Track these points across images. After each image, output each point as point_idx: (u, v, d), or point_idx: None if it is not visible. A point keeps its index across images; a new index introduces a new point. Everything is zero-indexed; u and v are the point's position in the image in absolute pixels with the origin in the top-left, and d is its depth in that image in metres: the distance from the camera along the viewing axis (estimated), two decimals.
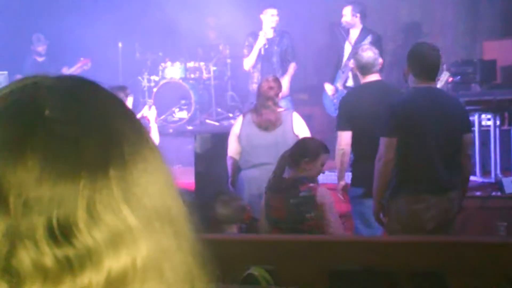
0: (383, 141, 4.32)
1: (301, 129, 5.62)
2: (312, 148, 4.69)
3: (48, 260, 0.70)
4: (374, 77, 5.20)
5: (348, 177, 5.33)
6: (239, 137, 5.62)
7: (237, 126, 5.71)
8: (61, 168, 0.72)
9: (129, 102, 6.46)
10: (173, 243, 0.77)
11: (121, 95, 6.36)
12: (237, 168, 5.71)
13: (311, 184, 4.55)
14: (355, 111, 5.09)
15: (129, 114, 0.82)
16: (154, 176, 0.78)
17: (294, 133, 5.53)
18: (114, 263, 0.72)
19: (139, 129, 0.81)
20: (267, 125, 5.53)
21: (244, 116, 5.73)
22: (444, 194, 4.26)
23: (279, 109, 5.68)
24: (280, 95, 5.83)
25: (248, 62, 8.09)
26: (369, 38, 7.44)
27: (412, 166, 4.28)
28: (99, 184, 0.73)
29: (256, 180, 5.44)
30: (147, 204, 0.76)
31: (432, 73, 4.47)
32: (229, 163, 5.78)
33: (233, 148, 5.71)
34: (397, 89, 5.35)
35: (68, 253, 0.70)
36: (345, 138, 5.11)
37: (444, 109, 4.36)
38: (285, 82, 8.07)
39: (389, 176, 4.27)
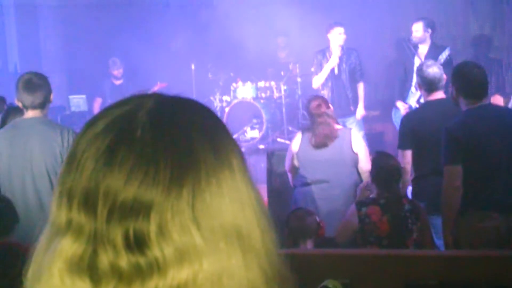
0: (447, 170, 4.28)
1: (360, 147, 5.58)
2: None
3: (123, 264, 0.81)
4: (438, 94, 5.15)
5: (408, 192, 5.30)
6: (297, 154, 5.65)
7: (295, 143, 5.73)
8: (142, 181, 0.82)
9: None
10: (237, 261, 0.85)
11: None
12: (293, 185, 5.74)
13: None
14: (416, 130, 5.06)
15: (216, 137, 0.89)
16: (228, 198, 0.86)
17: (352, 151, 5.52)
18: (177, 274, 0.81)
19: (221, 152, 0.88)
20: (322, 141, 5.49)
21: (302, 133, 5.75)
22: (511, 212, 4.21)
23: (336, 126, 5.67)
24: (332, 110, 5.79)
25: (318, 81, 8.16)
26: (446, 52, 7.35)
27: (477, 186, 4.23)
28: (172, 201, 0.82)
29: (312, 196, 5.48)
30: (215, 224, 0.84)
31: (479, 91, 4.37)
32: (290, 177, 5.84)
33: (290, 165, 5.76)
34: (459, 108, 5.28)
35: (140, 261, 0.81)
36: (406, 157, 5.09)
37: (503, 126, 4.28)
38: (360, 107, 8.11)
39: (458, 204, 4.23)
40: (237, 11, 9.35)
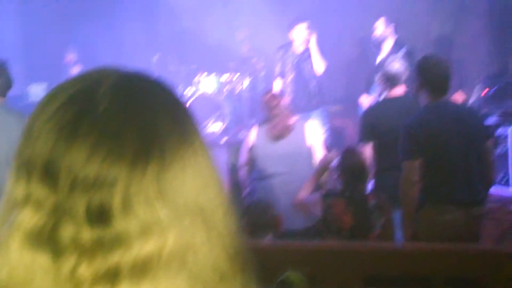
0: (405, 165, 4.31)
1: (314, 140, 5.60)
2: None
3: (85, 236, 0.80)
4: (400, 89, 5.21)
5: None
6: (254, 147, 5.65)
7: (251, 136, 5.74)
8: (105, 156, 0.80)
9: None
10: (202, 238, 0.84)
11: None
12: (250, 178, 5.73)
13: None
14: (376, 125, 5.12)
15: (179, 115, 0.88)
16: (191, 175, 0.85)
17: (308, 142, 5.54)
18: (141, 249, 0.80)
19: (185, 131, 0.87)
20: (279, 134, 5.52)
21: (258, 127, 5.75)
22: (468, 206, 4.26)
23: (292, 118, 5.68)
24: (285, 103, 5.79)
25: (277, 85, 8.16)
26: (402, 51, 7.43)
27: (435, 181, 4.28)
28: (137, 176, 0.80)
29: (271, 190, 5.48)
30: (179, 201, 0.83)
31: (442, 86, 4.39)
32: (241, 173, 5.82)
33: (245, 158, 5.76)
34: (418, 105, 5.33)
35: (102, 234, 0.80)
36: (366, 150, 5.14)
37: (461, 122, 4.33)
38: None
39: (416, 198, 4.27)
40: (202, 3, 9.30)
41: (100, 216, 0.79)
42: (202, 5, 9.33)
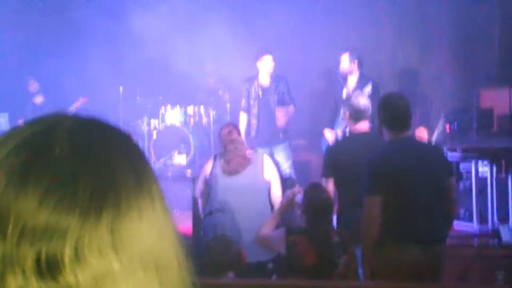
0: (367, 200, 4.31)
1: (272, 173, 5.59)
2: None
3: None
4: (364, 124, 5.24)
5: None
6: (209, 180, 5.61)
7: (207, 169, 5.70)
8: (57, 203, 0.76)
9: None
10: None
11: None
12: (206, 211, 5.68)
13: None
14: (339, 160, 5.14)
15: (136, 161, 0.85)
16: (147, 225, 0.81)
17: (265, 176, 5.53)
18: None
19: (142, 177, 0.84)
20: (234, 168, 5.50)
21: (214, 159, 5.71)
22: (430, 244, 4.26)
23: (248, 151, 5.67)
24: (243, 136, 5.80)
25: (243, 118, 8.16)
26: (369, 86, 7.46)
27: (396, 218, 4.28)
28: (90, 225, 0.76)
29: (224, 223, 5.44)
30: (134, 251, 0.79)
31: (403, 123, 4.42)
32: (200, 203, 5.78)
33: (200, 191, 5.71)
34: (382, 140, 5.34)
35: (52, 287, 0.74)
36: (328, 185, 5.15)
37: (422, 158, 4.35)
38: (281, 114, 8.10)
39: (376, 234, 4.26)
40: (168, 35, 9.29)
41: (50, 267, 0.75)
42: (168, 36, 9.32)
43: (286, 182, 7.26)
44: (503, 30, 9.44)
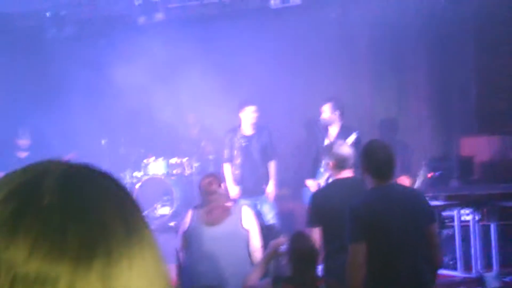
0: (351, 248, 4.31)
1: (251, 224, 5.59)
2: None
3: None
4: (348, 173, 5.26)
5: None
6: (188, 232, 5.59)
7: (186, 221, 5.69)
8: (47, 252, 0.76)
9: None
10: None
11: None
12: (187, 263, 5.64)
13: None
14: (324, 208, 5.13)
15: (127, 209, 0.85)
16: (137, 273, 0.81)
17: (244, 227, 5.52)
18: None
19: (133, 226, 0.84)
20: (213, 220, 5.50)
21: (193, 211, 5.70)
22: None
23: (228, 203, 5.68)
24: (223, 186, 5.81)
25: (226, 169, 8.19)
26: (354, 136, 7.49)
27: (380, 265, 4.28)
28: (80, 274, 0.76)
29: (205, 275, 5.41)
30: None
31: (386, 171, 4.44)
32: (181, 256, 5.74)
33: (181, 243, 5.68)
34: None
35: None
36: (314, 235, 5.13)
37: (405, 205, 4.37)
38: (271, 186, 8.16)
39: (361, 282, 4.25)
40: (150, 87, 9.36)
41: None
42: (150, 88, 9.39)
43: (270, 232, 7.25)
44: (480, 80, 9.62)
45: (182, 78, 9.27)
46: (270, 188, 8.17)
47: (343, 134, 7.66)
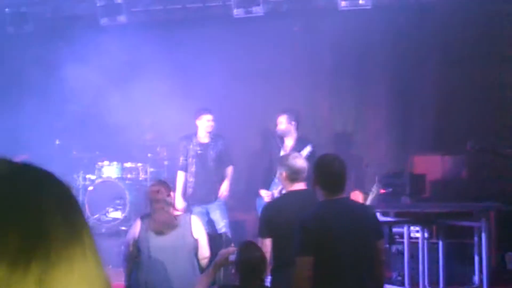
0: (298, 260, 4.32)
1: (200, 233, 5.57)
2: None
3: None
4: (300, 185, 5.27)
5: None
6: (137, 241, 5.53)
7: (134, 229, 5.61)
8: None
9: None
10: None
11: None
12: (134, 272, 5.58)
13: None
14: (276, 219, 5.12)
15: (68, 211, 0.83)
16: (78, 276, 0.80)
17: (193, 237, 5.50)
18: None
19: (73, 228, 0.82)
20: (160, 229, 5.46)
21: (141, 220, 5.64)
22: None
23: (176, 212, 5.64)
24: (172, 195, 5.77)
25: (180, 178, 8.16)
26: (309, 148, 7.52)
27: (326, 279, 4.29)
28: (17, 279, 0.75)
29: (152, 285, 5.38)
30: None
31: (337, 185, 4.47)
32: (124, 266, 5.68)
33: (127, 252, 5.62)
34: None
35: None
36: (265, 246, 5.11)
37: (354, 220, 4.39)
38: (225, 185, 8.17)
39: None
40: (106, 89, 9.29)
41: None
42: (107, 91, 9.31)
43: (221, 241, 7.24)
44: (436, 98, 9.76)
45: (140, 83, 9.21)
46: (224, 187, 8.16)
47: (299, 146, 7.69)
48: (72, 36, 9.96)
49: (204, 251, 5.46)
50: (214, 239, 6.83)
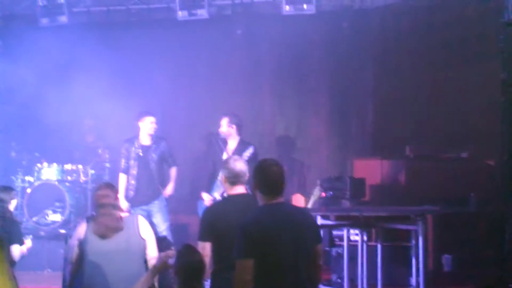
0: (238, 264, 4.33)
1: (147, 233, 5.54)
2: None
3: None
4: (241, 189, 5.28)
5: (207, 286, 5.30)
6: (81, 244, 5.44)
7: (79, 232, 5.52)
8: None
9: (12, 205, 6.27)
10: None
11: (5, 197, 6.17)
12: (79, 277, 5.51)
13: None
14: (216, 223, 5.13)
15: None
16: None
17: (141, 237, 5.47)
18: None
19: None
20: (106, 233, 5.38)
21: (87, 222, 5.47)
22: None
23: (122, 214, 5.59)
24: (118, 199, 5.71)
25: (122, 180, 8.11)
26: (250, 150, 7.56)
27: (265, 282, 4.31)
28: None
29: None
30: None
31: (276, 189, 4.46)
32: (67, 269, 5.60)
33: (72, 256, 5.54)
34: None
35: None
36: (205, 249, 5.10)
37: (293, 224, 4.43)
38: (170, 186, 8.16)
39: None
40: (45, 89, 9.16)
41: None
42: (46, 91, 9.17)
43: (162, 244, 7.20)
44: (376, 104, 9.93)
45: (81, 84, 9.09)
46: (169, 188, 8.16)
47: (240, 148, 7.73)
48: (11, 35, 9.79)
49: (152, 251, 5.42)
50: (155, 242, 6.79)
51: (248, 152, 7.46)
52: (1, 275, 0.74)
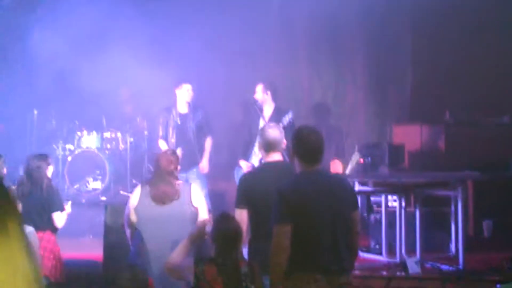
0: (276, 229, 4.33)
1: (200, 201, 5.61)
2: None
3: None
4: (276, 156, 5.28)
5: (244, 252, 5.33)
6: (135, 209, 5.56)
7: (134, 197, 5.64)
8: None
9: (50, 172, 6.36)
10: None
11: (42, 164, 6.26)
12: (134, 240, 5.62)
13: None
14: (253, 190, 5.13)
15: None
16: (0, 262, 0.82)
17: (192, 205, 5.54)
18: None
19: None
20: (163, 199, 5.49)
21: (142, 187, 5.68)
22: (336, 275, 4.33)
23: (178, 182, 5.67)
24: (179, 168, 5.79)
25: (163, 146, 8.16)
26: (290, 115, 7.53)
27: (303, 249, 4.32)
28: None
29: (148, 254, 5.41)
30: None
31: (314, 156, 4.48)
32: (128, 232, 5.72)
33: (128, 220, 5.65)
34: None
35: None
36: (242, 216, 5.12)
37: (330, 191, 4.43)
38: (205, 163, 8.19)
39: (284, 264, 4.28)
40: (85, 60, 9.21)
41: None
42: (85, 62, 9.23)
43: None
44: (414, 71, 9.80)
45: (117, 52, 9.11)
46: (204, 165, 8.20)
47: (277, 115, 7.73)
48: (46, 5, 9.84)
49: (203, 217, 5.50)
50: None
51: (288, 117, 7.44)
52: (19, 253, 0.74)
